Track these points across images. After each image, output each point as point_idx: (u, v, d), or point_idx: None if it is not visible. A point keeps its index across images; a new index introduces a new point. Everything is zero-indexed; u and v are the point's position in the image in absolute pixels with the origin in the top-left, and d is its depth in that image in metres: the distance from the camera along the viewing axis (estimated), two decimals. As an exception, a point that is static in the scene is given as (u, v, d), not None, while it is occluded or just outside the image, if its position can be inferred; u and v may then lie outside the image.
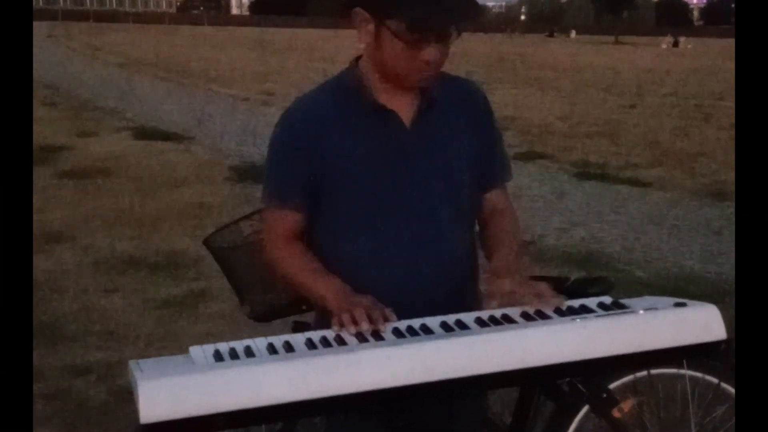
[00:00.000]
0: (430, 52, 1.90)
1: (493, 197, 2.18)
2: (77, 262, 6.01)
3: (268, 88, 19.61)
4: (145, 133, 12.50)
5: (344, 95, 2.04)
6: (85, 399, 3.92)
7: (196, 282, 5.55)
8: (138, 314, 5.02)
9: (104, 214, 7.47)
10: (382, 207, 2.01)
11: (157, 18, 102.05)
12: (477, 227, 2.21)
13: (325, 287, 1.97)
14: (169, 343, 4.51)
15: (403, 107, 2.03)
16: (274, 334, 1.79)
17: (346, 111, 2.03)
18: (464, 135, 2.10)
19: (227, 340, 1.75)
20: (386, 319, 1.80)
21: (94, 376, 4.13)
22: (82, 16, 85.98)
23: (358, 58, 2.08)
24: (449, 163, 2.06)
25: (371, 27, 1.93)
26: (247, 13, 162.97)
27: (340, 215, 2.04)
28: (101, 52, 35.10)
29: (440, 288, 2.02)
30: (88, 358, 4.33)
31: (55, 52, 32.23)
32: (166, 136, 12.26)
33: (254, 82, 21.75)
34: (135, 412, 1.52)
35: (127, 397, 3.76)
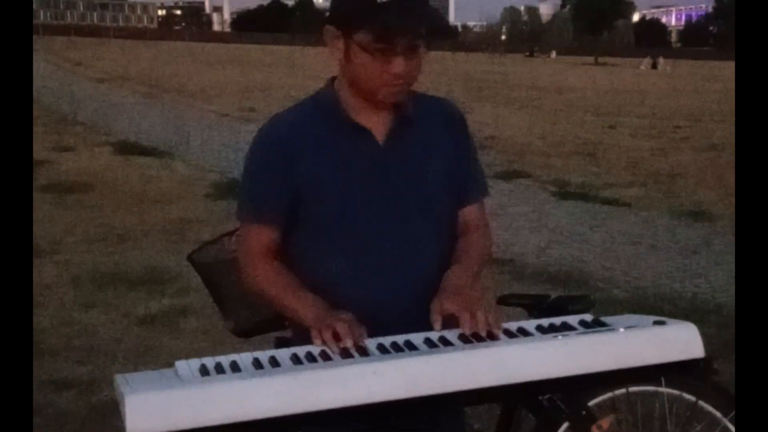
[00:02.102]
0: (397, 64, 1.92)
1: (467, 213, 2.19)
2: (57, 277, 5.99)
3: (249, 105, 19.63)
4: (125, 149, 12.48)
5: (319, 113, 2.07)
6: (65, 414, 3.90)
7: (176, 298, 5.54)
8: (118, 330, 5.01)
9: (84, 229, 7.45)
10: (356, 223, 2.03)
11: (138, 33, 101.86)
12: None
13: (304, 305, 1.98)
14: (150, 358, 4.50)
15: (378, 125, 2.05)
16: (256, 349, 1.80)
17: (321, 129, 2.05)
18: (439, 152, 2.11)
19: (208, 355, 1.76)
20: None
21: (74, 391, 4.11)
22: (63, 30, 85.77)
23: (334, 78, 2.11)
24: (423, 180, 2.08)
25: (341, 43, 1.96)
26: (229, 29, 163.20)
27: (316, 232, 2.05)
28: (81, 66, 35.04)
29: (416, 302, 2.02)
30: (68, 373, 4.31)
31: (35, 67, 32.10)
32: (147, 152, 12.25)
33: (235, 98, 21.78)
34: (120, 425, 1.53)
35: (107, 412, 3.79)
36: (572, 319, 1.92)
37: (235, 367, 1.69)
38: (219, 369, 1.69)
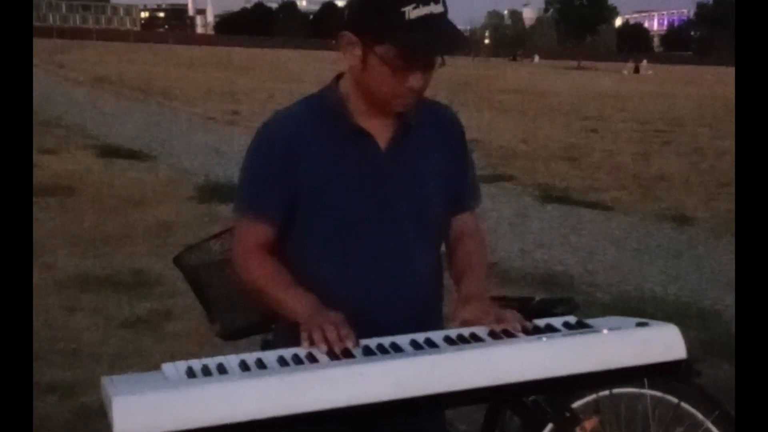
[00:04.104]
0: (415, 79, 1.95)
1: (462, 221, 2.23)
2: (40, 280, 5.95)
3: (233, 108, 19.61)
4: (108, 151, 12.42)
5: (323, 113, 2.07)
6: (49, 418, 3.88)
7: (160, 301, 5.53)
8: (102, 333, 4.99)
9: (67, 232, 7.42)
10: (352, 226, 2.05)
11: (121, 35, 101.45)
12: (444, 248, 2.25)
13: (296, 301, 1.99)
14: (134, 362, 4.48)
15: (380, 130, 2.07)
16: (241, 353, 1.81)
17: (323, 129, 2.06)
18: (437, 160, 2.14)
19: (193, 358, 1.77)
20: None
21: (58, 395, 4.10)
22: (46, 32, 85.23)
23: (338, 77, 2.12)
24: (421, 187, 2.10)
25: (358, 51, 1.96)
26: (213, 32, 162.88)
27: (313, 232, 2.07)
28: (65, 69, 34.85)
29: (406, 306, 2.05)
30: (51, 377, 4.29)
31: (17, 69, 31.85)
32: (130, 155, 12.20)
33: (219, 101, 21.73)
34: (105, 428, 1.54)
35: (91, 415, 3.77)
36: (556, 321, 1.94)
37: (221, 370, 1.70)
38: (206, 371, 1.69)
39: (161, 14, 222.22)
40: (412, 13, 1.86)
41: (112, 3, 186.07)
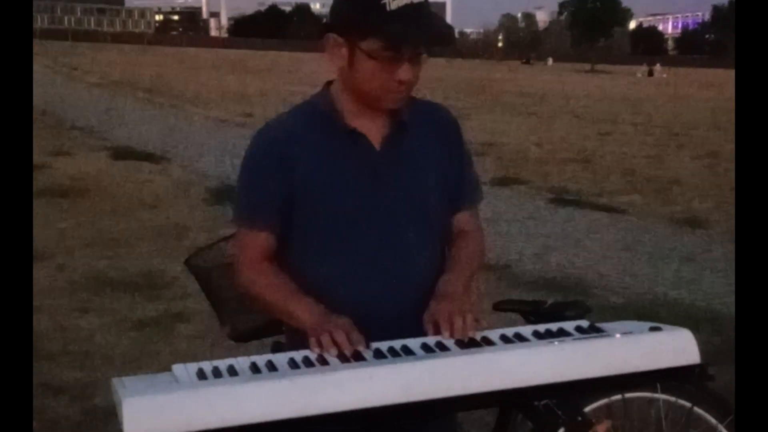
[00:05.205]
0: (403, 71, 1.95)
1: (460, 219, 2.21)
2: (52, 281, 5.98)
3: (246, 110, 19.65)
4: (122, 153, 12.48)
5: (316, 118, 2.08)
6: (60, 418, 3.90)
7: (172, 302, 5.54)
8: (113, 334, 5.00)
9: (80, 233, 7.45)
10: (351, 228, 2.05)
11: (135, 38, 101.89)
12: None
13: (301, 308, 1.99)
14: (145, 363, 4.50)
15: (374, 130, 2.07)
16: (252, 354, 1.80)
17: (317, 134, 2.06)
18: (433, 158, 2.13)
19: (204, 360, 1.76)
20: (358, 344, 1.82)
21: (69, 396, 4.11)
22: (60, 35, 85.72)
23: (329, 83, 2.13)
24: (418, 186, 2.10)
25: (344, 51, 1.97)
26: (226, 34, 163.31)
27: (311, 236, 2.07)
28: (78, 71, 35.01)
29: (410, 306, 2.03)
30: (62, 378, 4.31)
31: (31, 71, 32.02)
32: (144, 157, 12.25)
33: (232, 103, 21.79)
34: (116, 430, 1.53)
35: (102, 416, 3.78)
36: (568, 325, 1.93)
37: (232, 371, 1.70)
38: (216, 373, 1.69)
39: (175, 17, 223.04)
40: (392, 3, 1.88)
41: (127, 6, 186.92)
